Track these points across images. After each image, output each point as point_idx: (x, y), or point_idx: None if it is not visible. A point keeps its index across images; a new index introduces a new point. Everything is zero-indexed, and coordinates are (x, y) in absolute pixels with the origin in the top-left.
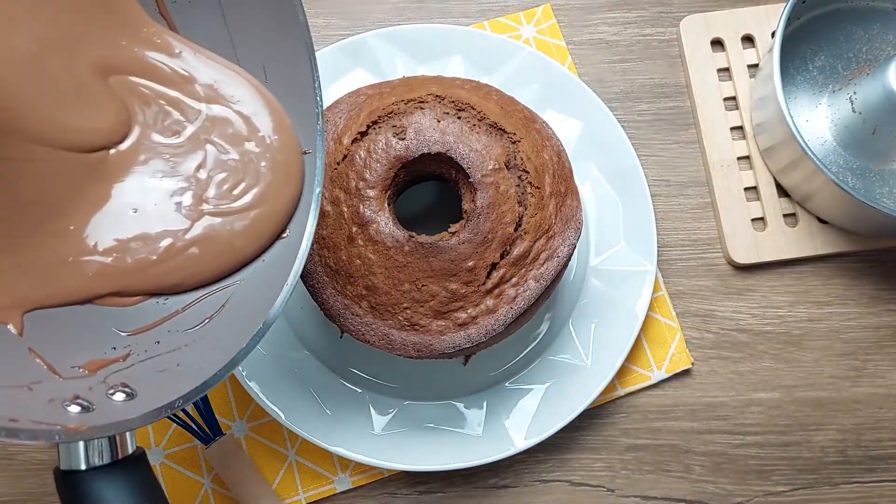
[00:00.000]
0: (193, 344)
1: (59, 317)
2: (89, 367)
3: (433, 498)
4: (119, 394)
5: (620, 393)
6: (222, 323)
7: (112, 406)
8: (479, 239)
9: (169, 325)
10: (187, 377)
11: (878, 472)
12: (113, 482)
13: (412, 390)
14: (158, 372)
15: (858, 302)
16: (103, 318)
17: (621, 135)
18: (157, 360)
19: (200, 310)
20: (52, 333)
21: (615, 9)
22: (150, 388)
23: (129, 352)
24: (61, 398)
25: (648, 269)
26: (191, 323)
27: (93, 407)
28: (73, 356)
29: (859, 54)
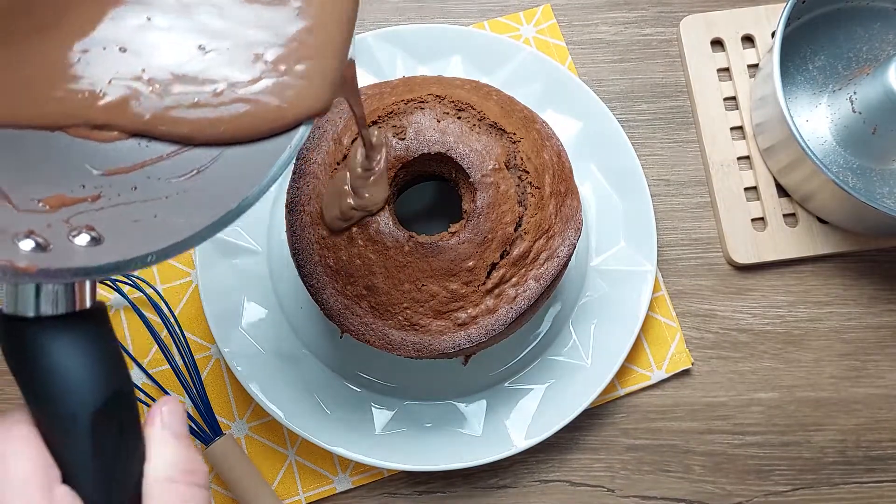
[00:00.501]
0: (175, 197)
1: (24, 140)
2: (51, 203)
3: (433, 498)
4: (83, 236)
5: (620, 393)
6: (210, 179)
7: (72, 250)
8: (479, 239)
9: (150, 171)
10: (164, 232)
11: (877, 472)
12: (64, 336)
13: (412, 390)
14: (132, 221)
15: (858, 302)
16: (76, 152)
17: (621, 134)
18: (131, 207)
19: (188, 160)
20: (13, 157)
21: (615, 9)
22: (120, 237)
23: (100, 193)
24: (12, 231)
25: (648, 269)
26: (174, 173)
27: (49, 247)
28: (35, 188)
29: (859, 54)
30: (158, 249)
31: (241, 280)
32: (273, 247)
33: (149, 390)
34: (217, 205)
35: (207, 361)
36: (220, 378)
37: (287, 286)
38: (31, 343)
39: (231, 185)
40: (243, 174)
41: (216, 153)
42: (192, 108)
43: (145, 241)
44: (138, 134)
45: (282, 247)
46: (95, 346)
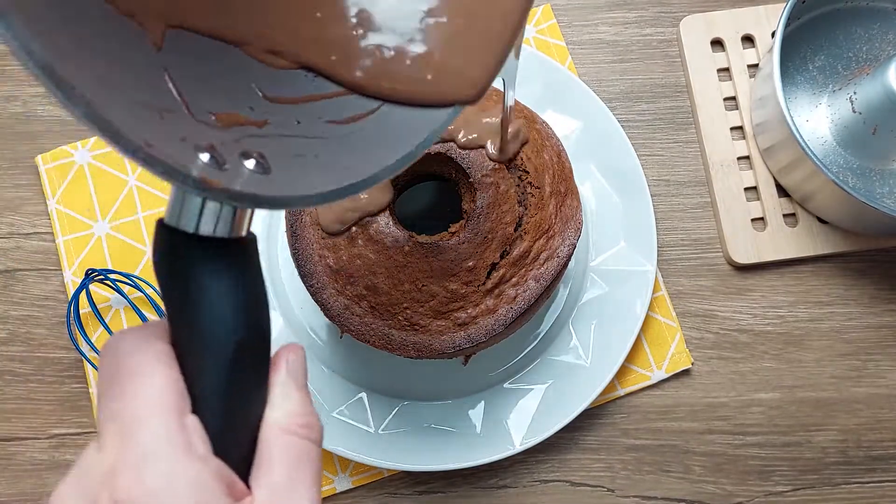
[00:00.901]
0: (336, 140)
1: (203, 49)
2: (223, 119)
3: (433, 498)
4: (251, 161)
5: (620, 393)
6: (363, 131)
7: (243, 174)
8: (479, 239)
9: (313, 108)
10: (325, 173)
11: (878, 472)
12: (222, 260)
13: (412, 390)
14: (295, 156)
15: (859, 302)
16: (248, 71)
17: (621, 134)
18: (294, 141)
19: (350, 104)
20: (191, 63)
21: (615, 9)
22: (284, 171)
23: (267, 120)
24: (193, 141)
25: (648, 269)
26: (337, 115)
27: (225, 165)
28: (209, 99)
29: (859, 54)
30: (324, 192)
31: None
32: (272, 247)
33: None
34: (366, 161)
35: None
36: None
37: (287, 286)
38: (189, 261)
39: (380, 142)
40: (393, 135)
41: (374, 106)
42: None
43: (309, 181)
44: (306, 67)
45: (281, 247)
46: (248, 276)
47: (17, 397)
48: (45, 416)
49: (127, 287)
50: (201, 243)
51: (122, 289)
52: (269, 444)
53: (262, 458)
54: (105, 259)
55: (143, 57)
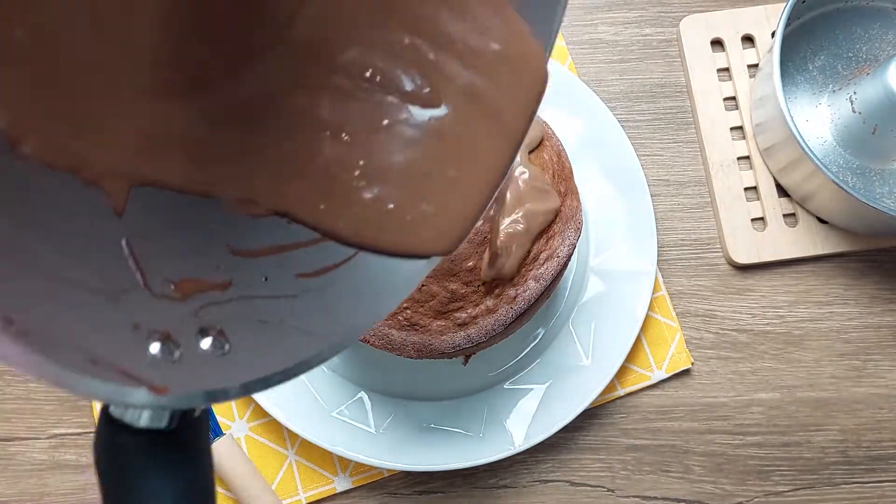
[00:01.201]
0: (304, 297)
1: (166, 203)
2: (184, 288)
3: (433, 498)
4: (208, 339)
5: (620, 393)
6: (338, 285)
7: (196, 356)
8: (479, 239)
9: (284, 259)
10: (288, 344)
11: (878, 472)
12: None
13: (412, 390)
14: (258, 322)
15: (859, 302)
16: (215, 222)
17: (621, 135)
18: (259, 303)
19: (323, 253)
20: (153, 223)
21: (615, 9)
22: (244, 346)
23: (232, 280)
24: (148, 328)
25: (648, 269)
26: (307, 266)
27: (176, 353)
28: (169, 264)
29: (859, 54)
30: (283, 370)
31: None
32: None
33: None
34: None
35: None
36: None
37: None
38: (134, 459)
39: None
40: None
41: (349, 254)
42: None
43: (270, 355)
44: (278, 212)
45: None
46: (193, 466)
47: (17, 397)
48: (45, 416)
49: None
50: (147, 437)
51: None
52: None
53: None
54: None
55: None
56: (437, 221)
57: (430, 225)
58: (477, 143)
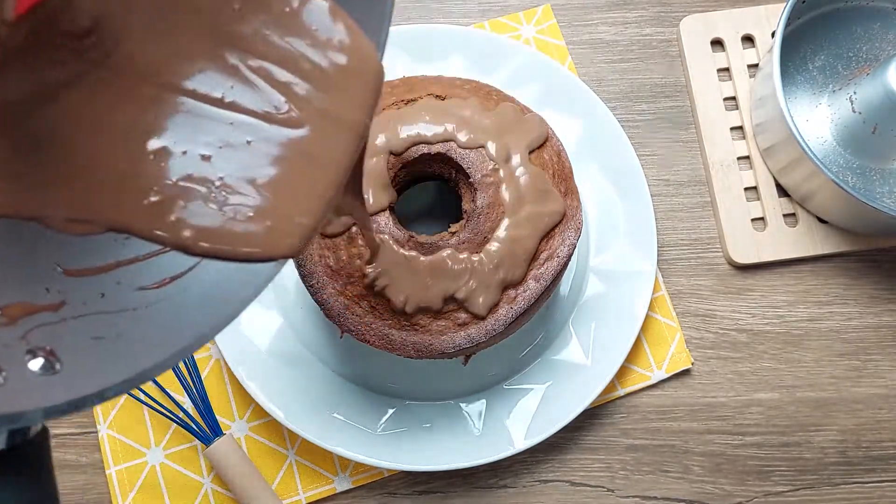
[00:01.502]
0: (142, 311)
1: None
2: (11, 313)
3: (433, 498)
4: (38, 360)
5: (620, 393)
6: (182, 294)
7: (24, 377)
8: (479, 239)
9: (121, 275)
10: (124, 357)
11: (878, 472)
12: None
13: (412, 390)
14: (93, 339)
15: (858, 302)
16: (45, 244)
17: (621, 134)
18: (94, 320)
19: (162, 265)
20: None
21: (615, 9)
22: (76, 364)
23: (64, 300)
24: None
25: (648, 269)
26: (146, 280)
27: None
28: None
29: (859, 54)
30: (116, 384)
31: None
32: None
33: (149, 390)
34: (184, 327)
35: (207, 361)
36: (220, 378)
37: (287, 286)
38: None
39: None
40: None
41: (191, 263)
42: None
43: (104, 369)
44: (113, 229)
45: None
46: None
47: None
48: None
49: None
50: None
51: None
52: None
53: None
54: None
55: None
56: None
57: (272, 230)
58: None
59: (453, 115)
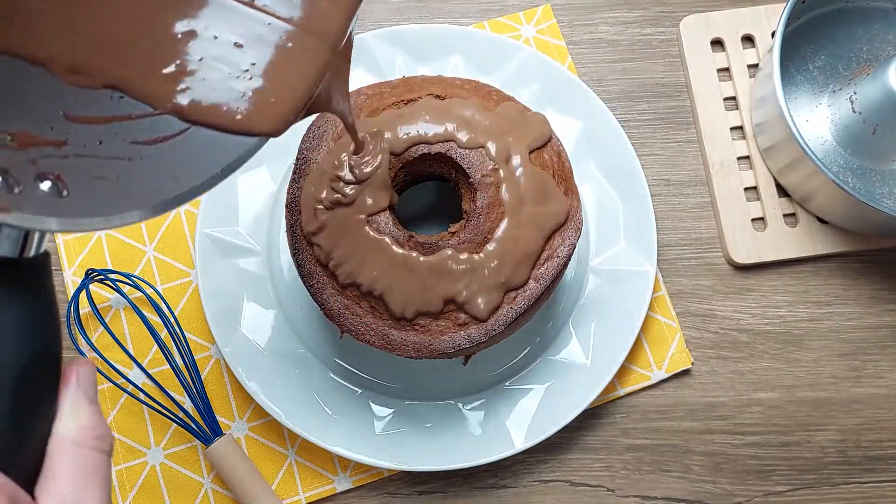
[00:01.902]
0: (139, 161)
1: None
2: (20, 139)
3: (433, 498)
4: (47, 183)
5: (620, 393)
6: (178, 151)
7: (37, 195)
8: (479, 239)
9: (117, 128)
10: (126, 195)
11: (878, 472)
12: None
13: (412, 390)
14: (95, 178)
15: (858, 302)
16: (51, 90)
17: (621, 134)
18: (95, 162)
19: (157, 125)
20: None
21: (615, 8)
22: (82, 193)
23: (67, 140)
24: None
25: (648, 269)
26: (143, 135)
27: (16, 188)
28: (5, 119)
29: (859, 54)
30: (121, 212)
31: (241, 280)
32: (273, 247)
33: (149, 390)
34: (171, 181)
35: (207, 361)
36: (220, 378)
37: (287, 286)
38: None
39: (187, 163)
40: (200, 157)
41: (182, 127)
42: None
43: (107, 202)
44: (111, 86)
45: (282, 247)
46: (36, 298)
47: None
48: None
49: (127, 287)
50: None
51: (122, 289)
52: (58, 457)
53: (50, 471)
54: (105, 259)
55: None
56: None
57: (258, 107)
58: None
59: (453, 115)
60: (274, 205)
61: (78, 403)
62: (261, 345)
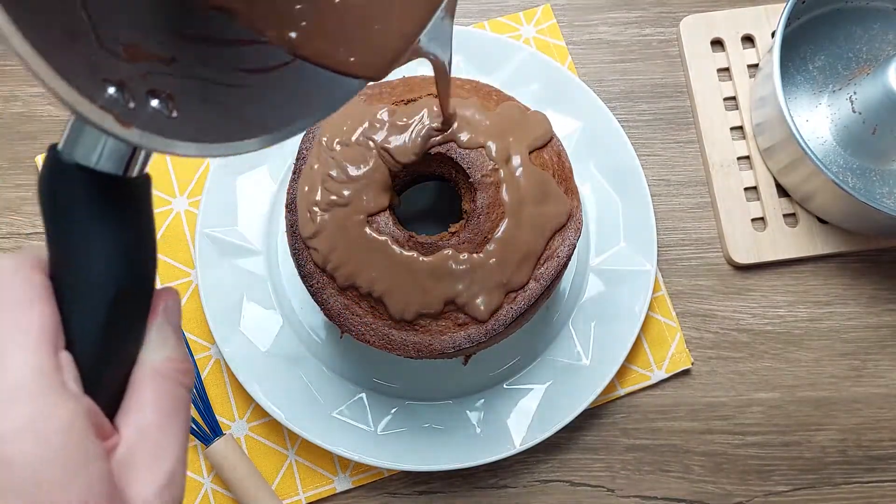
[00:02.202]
0: (244, 89)
1: None
2: (130, 52)
3: (433, 498)
4: (157, 101)
5: (620, 393)
6: (280, 84)
7: (147, 112)
8: (478, 239)
9: (226, 52)
10: (230, 123)
11: (878, 472)
12: (115, 198)
13: (412, 390)
14: (202, 101)
15: (858, 302)
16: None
17: (621, 135)
18: (202, 84)
19: (263, 53)
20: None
21: (615, 9)
22: (189, 115)
23: (174, 57)
24: (102, 73)
25: (648, 269)
26: (248, 63)
27: (131, 102)
28: (117, 28)
29: (859, 54)
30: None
31: (241, 280)
32: (273, 247)
33: None
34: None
35: (207, 361)
36: (220, 378)
37: (287, 286)
38: (77, 195)
39: (287, 99)
40: (301, 93)
41: (286, 59)
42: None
43: (212, 128)
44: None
45: (281, 247)
46: (137, 218)
47: None
48: None
49: None
50: (92, 178)
51: None
52: (142, 385)
53: (133, 399)
54: None
55: None
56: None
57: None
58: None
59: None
60: (274, 205)
61: (165, 334)
62: (261, 345)
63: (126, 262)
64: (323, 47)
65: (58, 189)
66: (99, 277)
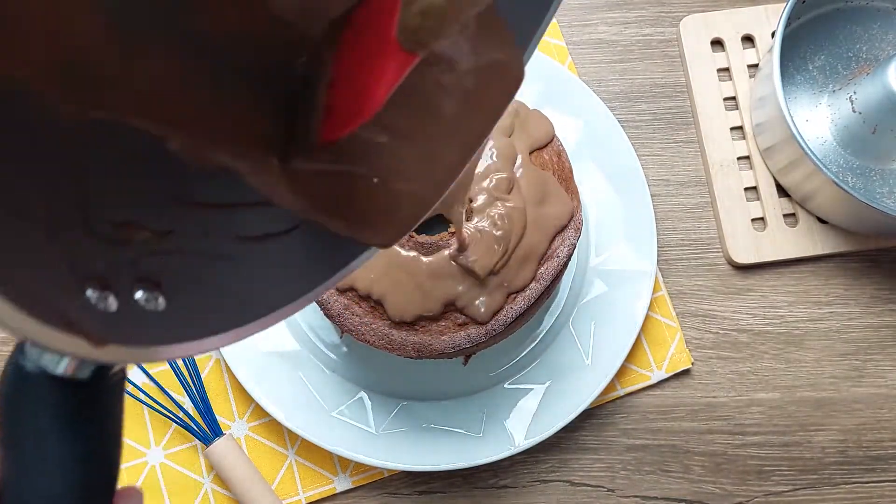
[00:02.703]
0: (236, 262)
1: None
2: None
3: (433, 498)
4: (144, 293)
5: (620, 393)
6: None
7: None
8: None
9: (227, 217)
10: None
11: (878, 472)
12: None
13: (412, 390)
14: (194, 282)
15: (859, 302)
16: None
17: (621, 134)
18: (197, 261)
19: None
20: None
21: (615, 9)
22: (178, 302)
23: (172, 230)
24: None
25: (648, 269)
26: (249, 229)
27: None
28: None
29: (859, 54)
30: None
31: None
32: None
33: (149, 390)
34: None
35: (207, 361)
36: (220, 378)
37: None
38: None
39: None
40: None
41: (291, 224)
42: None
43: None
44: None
45: None
46: (107, 422)
47: None
48: None
49: None
50: (63, 387)
51: None
52: None
53: None
54: None
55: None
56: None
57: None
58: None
59: None
60: None
61: None
62: (261, 345)
63: (85, 472)
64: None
65: (21, 398)
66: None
